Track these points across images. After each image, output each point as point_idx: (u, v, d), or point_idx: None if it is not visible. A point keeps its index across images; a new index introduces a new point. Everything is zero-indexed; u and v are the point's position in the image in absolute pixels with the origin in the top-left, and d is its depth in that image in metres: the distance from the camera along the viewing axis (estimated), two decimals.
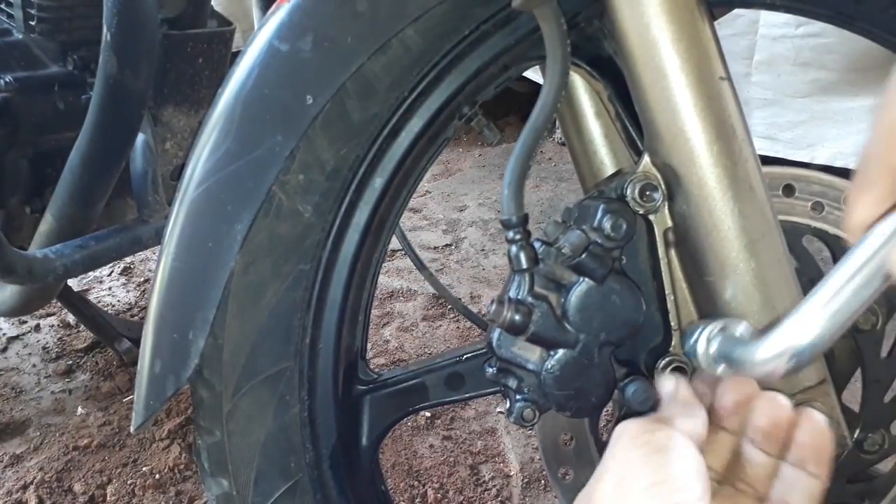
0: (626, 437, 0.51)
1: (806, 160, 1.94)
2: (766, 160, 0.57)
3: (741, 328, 0.55)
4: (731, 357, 0.53)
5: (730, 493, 0.54)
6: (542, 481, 1.40)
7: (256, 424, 0.67)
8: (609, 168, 0.77)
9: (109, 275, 2.22)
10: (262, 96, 0.62)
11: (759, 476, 0.54)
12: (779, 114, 1.97)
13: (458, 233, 2.49)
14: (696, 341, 0.58)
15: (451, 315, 1.96)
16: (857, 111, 1.85)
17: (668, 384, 0.58)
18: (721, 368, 0.55)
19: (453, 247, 2.40)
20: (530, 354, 0.62)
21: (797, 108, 1.93)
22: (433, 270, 2.04)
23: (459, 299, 2.02)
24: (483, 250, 2.36)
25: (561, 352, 0.61)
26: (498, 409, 1.61)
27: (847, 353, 0.70)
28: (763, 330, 0.51)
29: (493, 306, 0.60)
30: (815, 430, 0.53)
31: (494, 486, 1.41)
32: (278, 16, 0.63)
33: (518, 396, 0.64)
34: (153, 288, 0.65)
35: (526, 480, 1.42)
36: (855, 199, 0.42)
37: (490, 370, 0.68)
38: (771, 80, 1.93)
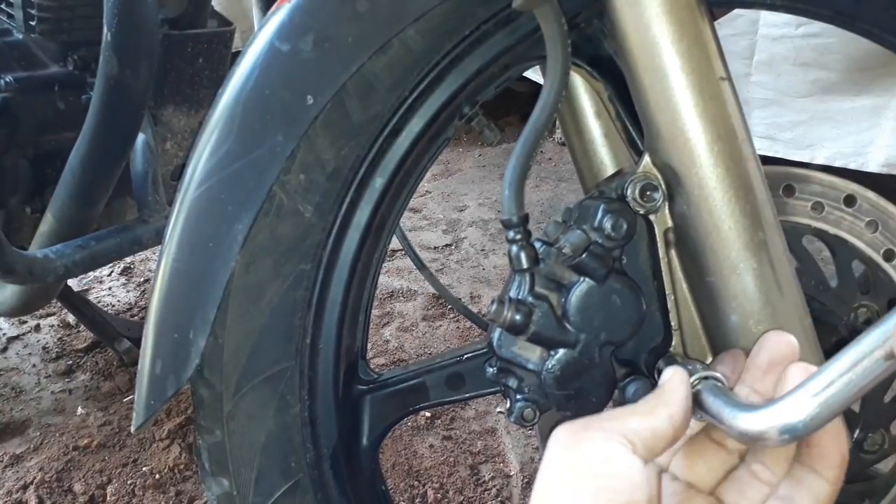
0: (555, 447, 0.47)
1: (806, 160, 1.94)
2: (766, 160, 0.57)
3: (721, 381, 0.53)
4: (719, 414, 0.49)
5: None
6: None
7: (257, 424, 0.67)
8: (609, 168, 0.77)
9: (109, 275, 2.22)
10: (262, 96, 0.62)
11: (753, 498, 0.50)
12: (779, 114, 1.97)
13: (458, 233, 2.49)
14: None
15: (451, 315, 1.96)
16: (857, 111, 1.85)
17: (664, 374, 0.53)
18: (702, 416, 0.52)
19: (453, 247, 2.40)
20: (531, 354, 0.62)
21: (797, 108, 1.93)
22: (433, 270, 2.04)
23: (459, 299, 2.02)
24: (483, 250, 2.36)
25: (561, 352, 0.61)
26: (498, 409, 1.61)
27: None
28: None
29: (494, 306, 0.60)
30: (834, 429, 0.48)
31: (494, 486, 1.41)
32: (279, 16, 0.63)
33: (518, 396, 0.64)
34: (154, 288, 0.65)
35: (526, 480, 1.42)
36: None
37: (490, 370, 0.68)
38: (771, 80, 1.93)
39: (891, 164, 1.83)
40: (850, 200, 0.68)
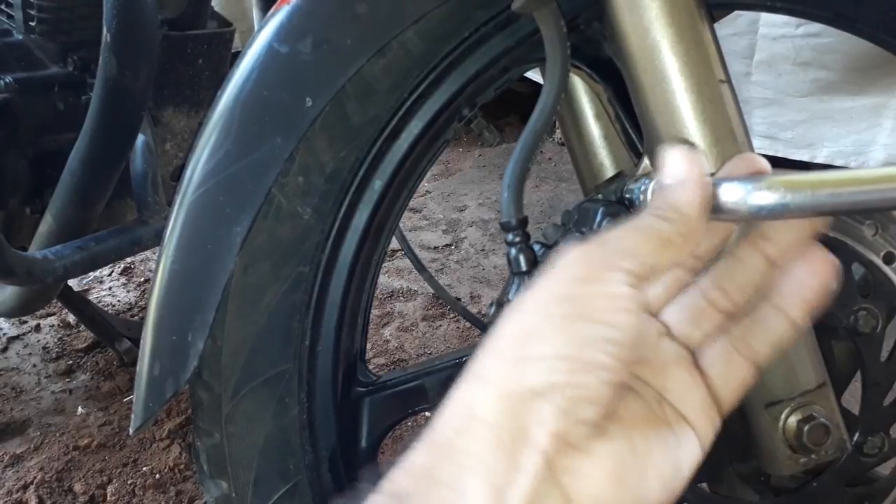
0: (556, 279, 0.40)
1: (806, 159, 1.94)
2: (768, 160, 0.56)
3: None
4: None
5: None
6: None
7: (255, 426, 0.67)
8: (609, 170, 0.77)
9: (110, 275, 2.22)
10: (261, 98, 0.62)
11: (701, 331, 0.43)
12: (779, 113, 1.96)
13: (458, 233, 2.49)
14: (642, 189, 0.52)
15: (452, 315, 1.96)
16: (857, 111, 1.84)
17: (672, 164, 0.41)
18: None
19: (453, 247, 2.39)
20: None
21: (798, 107, 1.93)
22: (433, 271, 2.04)
23: (459, 299, 2.02)
24: (483, 250, 2.35)
25: None
26: None
27: (847, 356, 0.70)
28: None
29: (493, 308, 0.60)
30: (820, 253, 0.40)
31: None
32: (278, 17, 0.63)
33: None
34: (152, 290, 0.65)
35: None
36: None
37: None
38: (771, 79, 1.93)
39: (891, 164, 1.83)
40: None
